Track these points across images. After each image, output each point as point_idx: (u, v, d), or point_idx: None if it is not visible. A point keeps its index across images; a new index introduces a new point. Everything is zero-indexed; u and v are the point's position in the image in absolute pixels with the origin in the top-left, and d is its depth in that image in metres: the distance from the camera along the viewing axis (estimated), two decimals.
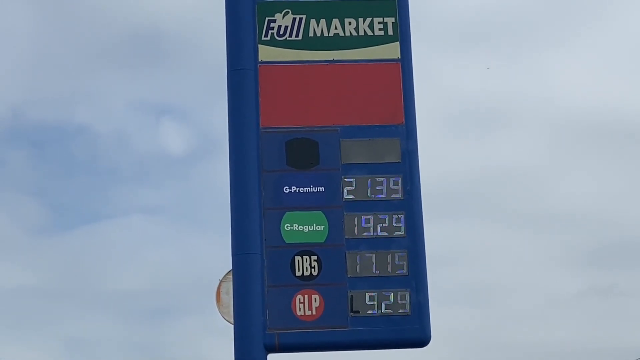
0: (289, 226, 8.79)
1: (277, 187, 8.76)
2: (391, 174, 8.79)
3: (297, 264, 8.92)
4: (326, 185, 8.77)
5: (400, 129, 8.54)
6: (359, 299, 8.75)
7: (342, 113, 8.75)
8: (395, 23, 8.41)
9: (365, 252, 8.72)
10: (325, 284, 9.00)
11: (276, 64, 8.57)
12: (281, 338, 8.94)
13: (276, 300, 8.95)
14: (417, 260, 8.64)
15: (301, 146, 8.74)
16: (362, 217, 8.63)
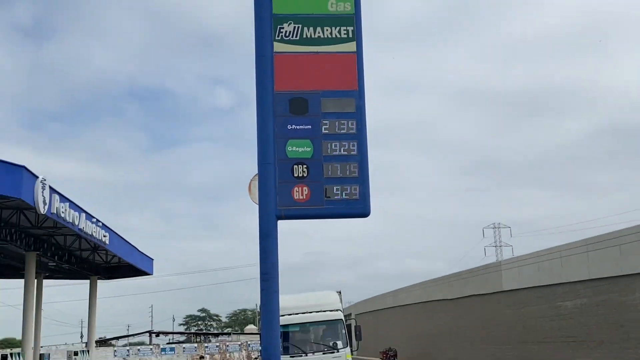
0: (290, 148, 12.29)
1: (283, 125, 12.27)
2: (349, 119, 12.31)
3: (295, 170, 12.50)
4: (312, 124, 12.26)
5: (355, 93, 12.00)
6: (330, 190, 12.43)
7: (322, 83, 12.20)
8: (353, 30, 11.83)
9: (334, 163, 12.36)
10: (311, 181, 12.61)
11: (284, 53, 11.88)
12: (286, 212, 12.68)
13: (283, 190, 12.57)
14: (363, 168, 12.32)
15: (298, 101, 12.15)
16: (332, 143, 12.25)
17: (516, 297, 41.44)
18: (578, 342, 34.77)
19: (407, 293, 63.37)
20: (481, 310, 46.03)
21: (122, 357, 59.13)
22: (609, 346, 32.26)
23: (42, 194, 20.78)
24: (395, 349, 53.50)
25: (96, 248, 33.13)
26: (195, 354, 55.63)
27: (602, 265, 32.88)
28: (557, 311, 36.78)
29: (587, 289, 34.35)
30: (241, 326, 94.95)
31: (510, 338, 41.63)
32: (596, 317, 33.33)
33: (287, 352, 17.76)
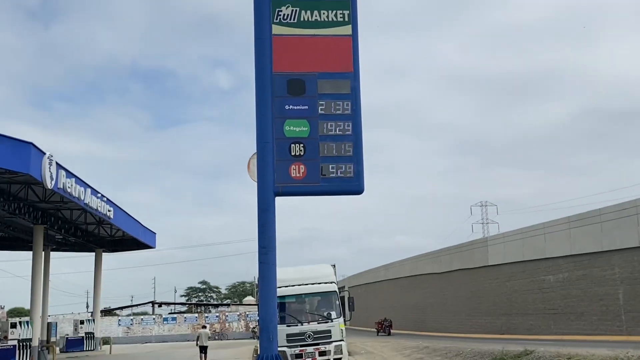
0: (288, 127, 12.25)
1: (281, 105, 12.22)
2: (345, 100, 12.25)
3: (292, 148, 12.46)
4: (309, 105, 12.22)
5: (351, 74, 11.91)
6: (325, 168, 12.42)
7: (318, 64, 12.12)
8: (349, 14, 11.70)
9: (329, 142, 12.37)
10: (307, 160, 12.60)
11: (282, 36, 11.78)
12: (283, 189, 12.67)
13: (280, 167, 12.57)
14: (357, 148, 12.31)
15: (295, 83, 12.09)
16: (328, 123, 12.23)
17: (501, 272, 41.72)
18: (559, 314, 35.10)
19: (397, 267, 63.76)
20: (468, 283, 46.36)
21: (126, 326, 59.47)
22: (588, 318, 32.60)
23: (50, 170, 20.75)
24: (390, 319, 52.63)
25: (101, 222, 33.15)
26: (197, 324, 55.96)
27: (583, 242, 33.10)
28: (540, 285, 37.07)
29: (569, 264, 34.60)
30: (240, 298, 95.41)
31: (495, 310, 42.01)
32: (577, 291, 33.62)
33: (284, 322, 17.89)
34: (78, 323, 42.46)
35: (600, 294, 31.77)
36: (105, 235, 37.61)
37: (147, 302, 76.22)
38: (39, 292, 29.91)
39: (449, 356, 24.62)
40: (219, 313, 63.31)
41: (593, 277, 32.41)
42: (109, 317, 64.13)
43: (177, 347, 42.80)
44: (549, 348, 19.91)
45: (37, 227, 29.22)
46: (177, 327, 59.53)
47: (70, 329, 44.96)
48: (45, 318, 35.93)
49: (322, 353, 18.03)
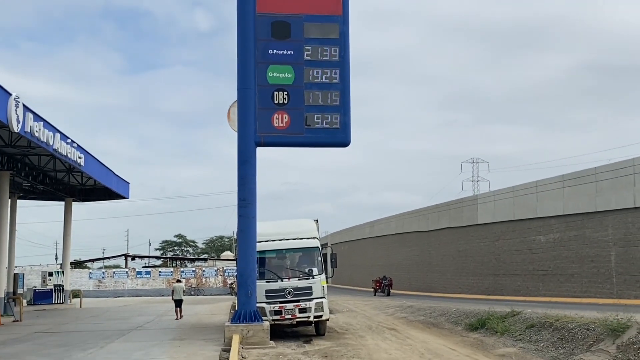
0: (271, 74, 12.26)
1: (265, 50, 12.18)
2: (332, 45, 12.24)
3: (275, 96, 12.51)
4: (294, 49, 12.18)
5: (339, 18, 11.88)
6: (310, 118, 12.51)
7: (305, 6, 12.01)
8: None
9: (315, 90, 12.41)
10: (291, 109, 12.66)
11: None
12: (265, 139, 12.76)
13: (262, 116, 12.63)
14: (345, 97, 12.33)
15: (280, 25, 12.02)
16: (314, 70, 12.22)
17: (490, 231, 42.27)
18: (549, 275, 35.77)
19: (383, 225, 64.36)
20: (455, 242, 46.98)
21: (97, 279, 59.81)
22: (578, 280, 33.27)
23: (16, 112, 20.47)
24: (390, 277, 48.87)
25: (71, 169, 32.94)
26: (172, 278, 56.43)
27: (577, 201, 33.53)
28: (530, 245, 37.65)
29: (560, 224, 35.10)
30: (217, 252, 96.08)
31: (483, 270, 42.71)
32: (568, 252, 34.21)
33: (263, 278, 18.04)
34: (46, 275, 42.64)
35: (591, 255, 32.36)
36: (76, 184, 37.43)
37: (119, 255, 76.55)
38: (4, 241, 29.86)
39: (433, 315, 25.10)
40: (196, 268, 63.81)
41: (585, 238, 32.96)
42: (79, 269, 64.37)
43: (151, 302, 43.18)
44: (536, 310, 20.35)
45: (3, 173, 28.98)
46: (152, 281, 59.99)
47: (39, 281, 45.18)
48: (12, 269, 35.97)
49: (302, 310, 18.25)
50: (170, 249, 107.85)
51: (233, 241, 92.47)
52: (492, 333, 18.64)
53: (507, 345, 16.73)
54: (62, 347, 16.59)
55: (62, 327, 23.77)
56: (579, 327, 15.60)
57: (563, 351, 14.74)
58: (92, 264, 76.13)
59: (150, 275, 61.01)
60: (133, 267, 66.10)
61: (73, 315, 30.83)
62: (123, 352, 15.31)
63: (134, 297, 54.73)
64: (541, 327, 17.10)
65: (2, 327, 23.97)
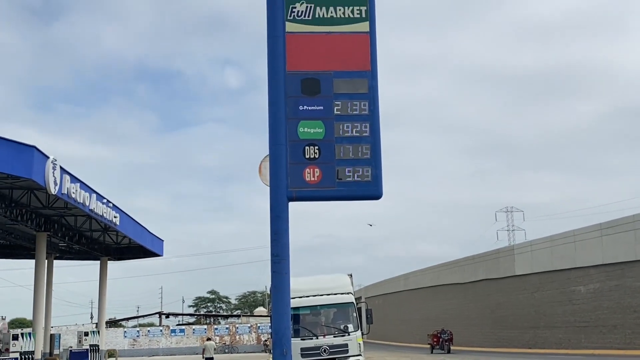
0: (302, 129, 12.25)
1: (295, 106, 12.22)
2: (362, 100, 12.24)
3: (306, 151, 12.46)
4: (324, 105, 12.21)
5: (368, 73, 11.91)
6: (342, 172, 12.41)
7: (334, 63, 12.12)
8: (366, 10, 11.72)
9: (346, 144, 12.37)
10: (322, 163, 12.58)
11: (296, 33, 11.79)
12: (297, 193, 12.66)
13: (294, 171, 12.55)
14: (375, 150, 12.27)
15: (310, 82, 12.08)
16: (344, 124, 12.21)
17: (528, 282, 41.40)
18: (591, 326, 34.78)
19: (418, 277, 63.48)
20: (493, 294, 46.06)
21: (132, 338, 59.69)
22: (621, 331, 32.26)
23: (53, 174, 20.90)
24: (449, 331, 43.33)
25: (107, 229, 33.34)
26: (204, 336, 56.07)
27: (616, 250, 32.79)
28: (569, 296, 36.74)
29: (600, 273, 34.29)
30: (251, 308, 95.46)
31: (522, 323, 41.67)
32: (609, 302, 33.29)
33: (298, 335, 17.80)
34: (82, 335, 42.65)
35: (634, 305, 31.44)
36: (111, 243, 37.82)
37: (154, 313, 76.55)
38: (41, 302, 30.12)
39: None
40: (229, 325, 63.38)
41: (626, 288, 32.09)
42: (114, 328, 64.42)
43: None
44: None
45: (40, 234, 29.44)
46: (186, 339, 59.69)
47: (74, 341, 45.18)
48: (48, 329, 36.16)
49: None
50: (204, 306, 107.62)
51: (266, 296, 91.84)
52: None
53: None
54: None
55: None
56: None
57: None
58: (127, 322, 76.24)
59: (184, 333, 60.75)
60: (167, 325, 65.95)
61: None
62: None
63: (169, 355, 54.44)
64: None
65: None
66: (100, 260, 40.20)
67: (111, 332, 58.51)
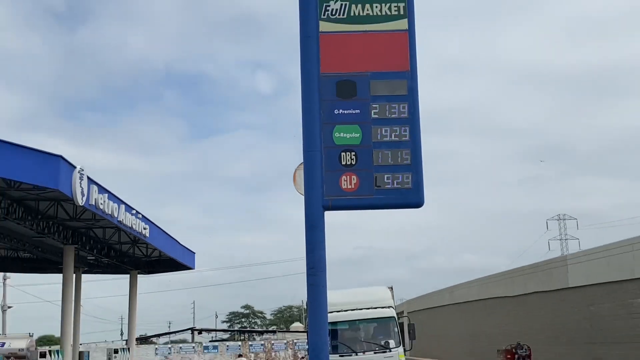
0: (337, 134, 12.24)
1: (330, 110, 12.20)
2: (401, 102, 12.17)
3: (343, 157, 12.44)
4: (361, 109, 12.17)
5: (407, 74, 11.84)
6: (380, 179, 12.34)
7: (371, 64, 12.07)
8: (404, 6, 11.64)
9: (384, 150, 12.30)
10: (360, 169, 12.55)
11: (331, 33, 11.77)
12: (333, 202, 12.65)
13: (330, 178, 12.53)
14: (416, 155, 12.18)
15: (345, 84, 12.06)
16: (383, 128, 12.15)
17: (584, 294, 40.65)
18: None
19: (464, 290, 62.83)
20: (545, 308, 45.33)
21: (163, 355, 60.27)
22: None
23: (80, 185, 21.25)
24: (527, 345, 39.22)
25: (136, 241, 33.76)
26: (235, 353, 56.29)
27: None
28: (629, 309, 35.95)
29: None
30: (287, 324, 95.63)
31: (577, 338, 40.90)
32: None
33: (336, 351, 17.78)
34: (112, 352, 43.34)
35: None
36: (141, 256, 38.28)
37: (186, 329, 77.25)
38: (69, 318, 30.60)
39: None
40: (264, 341, 63.59)
41: None
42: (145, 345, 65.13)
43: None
44: None
45: (67, 247, 29.95)
46: (219, 356, 60.05)
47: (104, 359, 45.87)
48: (77, 347, 36.71)
49: None
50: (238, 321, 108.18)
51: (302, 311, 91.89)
52: None
53: None
54: None
55: None
56: None
57: None
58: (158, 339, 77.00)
59: (217, 350, 61.13)
60: (200, 342, 66.43)
61: None
62: None
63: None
64: None
65: None
66: (129, 274, 40.70)
67: (142, 349, 59.15)
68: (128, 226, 27.23)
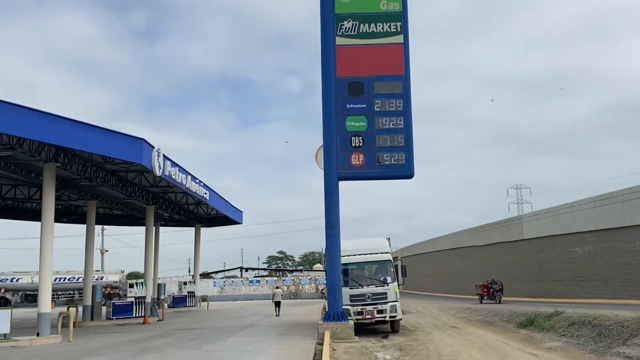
0: (349, 123, 12.33)
1: (343, 104, 12.27)
2: (397, 98, 12.21)
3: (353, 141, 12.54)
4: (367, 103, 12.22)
5: (402, 77, 11.86)
6: (381, 157, 12.43)
7: (375, 69, 12.10)
8: (401, 25, 11.61)
9: (384, 135, 12.36)
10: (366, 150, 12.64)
11: (344, 46, 11.76)
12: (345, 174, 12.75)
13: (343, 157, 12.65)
14: (408, 139, 12.22)
15: (355, 85, 12.11)
16: (383, 118, 12.19)
17: (534, 244, 40.39)
18: (586, 280, 33.75)
19: (443, 241, 62.74)
20: (504, 255, 45.16)
21: (219, 286, 61.01)
22: (612, 284, 31.21)
23: (158, 160, 21.32)
24: (500, 281, 34.92)
25: (199, 203, 33.97)
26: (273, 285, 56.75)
27: (607, 218, 31.64)
28: (568, 256, 35.68)
29: (594, 237, 33.17)
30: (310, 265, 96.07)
31: (529, 277, 40.75)
32: (602, 261, 32.20)
33: (347, 285, 17.85)
34: (182, 284, 43.86)
35: (622, 263, 30.34)
36: (203, 214, 38.57)
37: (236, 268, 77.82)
38: (151, 259, 30.99)
39: (489, 316, 24.08)
40: (294, 277, 64.03)
41: (616, 249, 30.97)
42: (206, 279, 65.91)
43: (260, 305, 43.63)
44: (577, 310, 19.18)
45: (149, 207, 30.22)
46: (260, 288, 60.68)
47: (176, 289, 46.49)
48: (156, 280, 37.25)
49: (379, 311, 17.91)
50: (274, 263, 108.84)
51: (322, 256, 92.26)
52: (539, 330, 17.69)
53: (553, 340, 15.81)
54: (194, 340, 16.93)
55: (194, 324, 24.30)
56: (615, 324, 14.56)
57: (602, 345, 13.77)
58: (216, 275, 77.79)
59: (259, 283, 61.73)
60: (246, 277, 67.05)
61: (202, 315, 31.49)
62: (241, 344, 15.45)
63: (248, 300, 55.45)
64: (582, 325, 16.08)
65: (149, 325, 24.74)
66: (194, 227, 41.06)
67: (204, 282, 59.89)
68: (193, 191, 27.38)
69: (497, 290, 33.72)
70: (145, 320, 26.27)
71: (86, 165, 21.61)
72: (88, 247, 27.54)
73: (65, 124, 16.59)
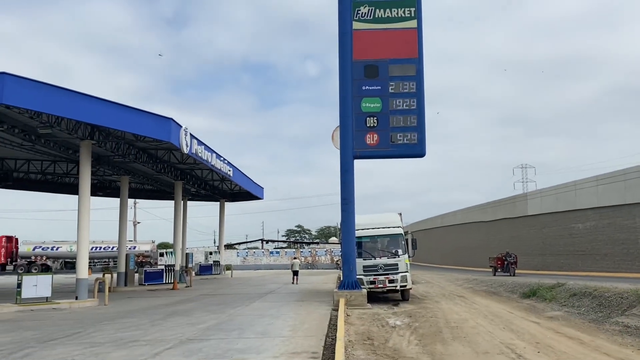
0: (364, 104, 12.20)
1: (359, 86, 12.11)
2: (411, 81, 12.01)
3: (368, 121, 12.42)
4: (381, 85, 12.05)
5: (416, 60, 11.66)
6: (394, 136, 12.30)
7: (389, 52, 11.92)
8: (415, 10, 11.38)
9: (398, 116, 12.21)
10: (380, 130, 12.53)
11: (361, 30, 11.59)
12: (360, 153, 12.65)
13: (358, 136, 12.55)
14: (420, 120, 12.07)
15: (371, 68, 11.95)
16: (397, 100, 12.03)
17: (538, 220, 40.03)
18: (587, 254, 33.44)
19: (451, 216, 62.46)
20: (509, 230, 44.85)
21: (242, 257, 61.66)
22: (611, 258, 30.88)
23: (185, 139, 21.39)
24: (514, 254, 33.04)
25: (223, 179, 34.14)
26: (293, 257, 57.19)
27: (609, 196, 31.17)
28: (570, 231, 35.33)
29: (595, 214, 32.74)
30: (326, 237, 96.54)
31: (532, 251, 40.48)
32: (602, 236, 31.83)
33: (361, 256, 17.90)
34: (208, 254, 44.39)
35: (622, 239, 29.95)
36: (227, 189, 38.80)
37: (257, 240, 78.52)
38: (179, 230, 31.36)
39: (494, 286, 24.03)
40: (311, 249, 64.40)
41: (616, 226, 30.55)
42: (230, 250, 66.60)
43: (280, 274, 44.03)
44: (577, 282, 19.03)
45: (177, 182, 30.46)
46: (280, 258, 61.20)
47: (202, 258, 47.10)
48: (185, 250, 37.73)
49: (391, 281, 17.97)
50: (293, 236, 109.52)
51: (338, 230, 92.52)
52: (541, 300, 17.60)
53: (555, 309, 15.72)
54: (219, 305, 17.16)
55: (219, 290, 24.63)
56: (615, 295, 14.43)
57: (601, 315, 13.67)
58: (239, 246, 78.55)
59: (279, 254, 62.25)
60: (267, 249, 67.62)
61: (226, 283, 31.90)
62: (262, 309, 15.63)
63: (268, 269, 56.00)
64: (582, 296, 15.96)
65: (178, 291, 25.13)
66: (219, 201, 41.35)
67: (228, 252, 60.55)
68: (218, 168, 27.49)
69: (511, 262, 31.89)
70: (174, 286, 26.70)
71: (119, 143, 21.77)
72: (122, 219, 27.90)
73: (100, 104, 16.68)
